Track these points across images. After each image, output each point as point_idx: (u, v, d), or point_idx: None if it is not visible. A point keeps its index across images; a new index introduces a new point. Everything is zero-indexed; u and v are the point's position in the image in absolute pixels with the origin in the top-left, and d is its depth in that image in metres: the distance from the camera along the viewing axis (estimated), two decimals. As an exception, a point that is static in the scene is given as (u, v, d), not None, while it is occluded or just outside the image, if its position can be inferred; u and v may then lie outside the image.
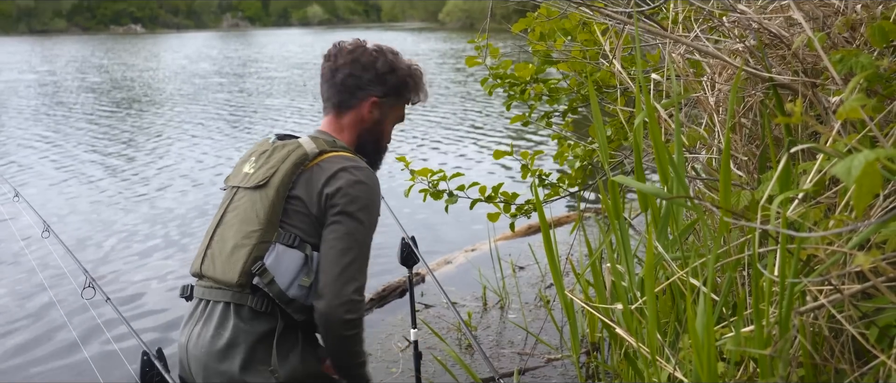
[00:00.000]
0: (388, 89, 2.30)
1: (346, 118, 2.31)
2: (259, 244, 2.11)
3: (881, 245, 1.50)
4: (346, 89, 2.27)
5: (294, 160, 2.16)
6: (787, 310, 1.39)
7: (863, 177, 1.01)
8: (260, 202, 2.15)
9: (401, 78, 2.31)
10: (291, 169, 2.15)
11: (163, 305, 5.56)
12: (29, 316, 5.40)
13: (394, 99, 2.33)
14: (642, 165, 1.86)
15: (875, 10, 1.92)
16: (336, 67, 2.28)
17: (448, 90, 20.60)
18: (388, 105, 2.33)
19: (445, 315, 5.03)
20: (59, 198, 8.91)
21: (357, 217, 2.12)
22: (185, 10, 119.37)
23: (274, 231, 2.12)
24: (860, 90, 1.67)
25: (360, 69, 2.26)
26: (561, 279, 2.30)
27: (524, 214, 3.89)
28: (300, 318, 2.14)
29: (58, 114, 16.75)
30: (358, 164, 2.19)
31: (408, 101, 2.39)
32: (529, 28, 3.67)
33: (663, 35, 2.36)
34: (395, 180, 7.37)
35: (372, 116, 2.31)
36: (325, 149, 2.20)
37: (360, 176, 2.15)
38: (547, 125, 3.96)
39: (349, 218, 2.11)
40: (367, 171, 2.19)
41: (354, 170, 2.15)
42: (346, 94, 2.28)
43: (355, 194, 2.12)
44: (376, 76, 2.27)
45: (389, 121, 2.38)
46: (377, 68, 2.27)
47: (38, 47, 51.54)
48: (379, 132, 2.36)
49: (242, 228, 2.15)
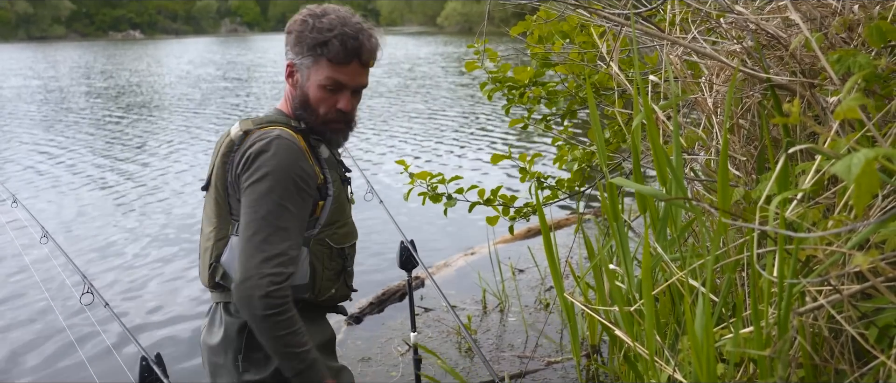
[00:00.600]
0: (293, 52, 2.14)
1: (287, 87, 2.23)
2: (217, 242, 2.14)
3: (880, 245, 1.50)
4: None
5: (224, 150, 2.12)
6: (785, 311, 1.38)
7: (862, 176, 1.01)
8: (210, 201, 2.17)
9: (296, 37, 2.12)
10: (222, 160, 2.11)
11: (162, 310, 5.56)
12: (27, 321, 5.40)
13: (304, 58, 2.12)
14: (640, 167, 1.86)
15: (872, 11, 1.92)
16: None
17: (451, 93, 20.62)
18: (305, 66, 2.13)
19: (445, 318, 5.02)
20: (58, 204, 8.90)
21: (257, 187, 2.00)
22: (183, 16, 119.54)
23: (227, 225, 2.12)
24: (858, 90, 1.67)
25: (286, 34, 2.18)
26: (561, 282, 2.30)
27: (523, 217, 3.88)
28: None
29: (58, 120, 16.75)
30: (265, 135, 2.06)
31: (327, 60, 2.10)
32: (528, 31, 3.67)
33: (660, 37, 2.36)
34: (394, 184, 7.39)
35: (292, 81, 2.18)
36: (249, 129, 2.11)
37: (260, 145, 2.03)
38: (546, 129, 3.96)
39: (250, 189, 2.01)
40: (270, 141, 2.03)
41: (258, 142, 2.04)
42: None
43: (256, 165, 2.01)
44: (288, 41, 2.15)
45: (312, 84, 2.14)
46: (288, 34, 2.16)
47: (39, 53, 51.57)
48: (303, 97, 2.15)
49: (205, 230, 2.20)
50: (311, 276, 2.15)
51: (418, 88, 21.84)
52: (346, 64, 2.11)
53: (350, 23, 2.12)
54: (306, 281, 2.14)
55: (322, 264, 2.18)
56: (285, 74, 2.19)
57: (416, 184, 3.74)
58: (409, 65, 31.27)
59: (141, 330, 5.17)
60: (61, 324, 5.11)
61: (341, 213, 2.22)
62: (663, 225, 1.85)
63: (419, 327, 4.81)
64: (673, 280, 1.78)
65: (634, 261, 2.38)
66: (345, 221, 2.25)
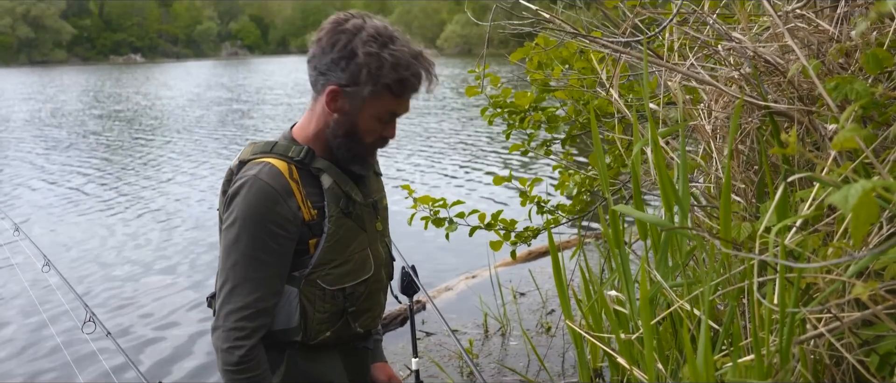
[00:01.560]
0: (349, 77, 1.90)
1: (317, 105, 2.00)
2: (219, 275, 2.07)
3: (880, 272, 1.51)
4: (312, 71, 1.97)
5: (225, 179, 2.01)
6: (787, 340, 1.39)
7: (859, 206, 1.01)
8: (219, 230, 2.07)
9: (359, 65, 1.87)
10: (222, 188, 2.01)
11: (164, 338, 5.55)
12: (29, 350, 5.39)
13: (363, 88, 1.90)
14: (641, 193, 1.87)
15: (869, 37, 1.94)
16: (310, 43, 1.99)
17: (451, 114, 20.67)
18: (359, 95, 1.91)
19: (447, 343, 5.01)
20: (60, 231, 8.90)
21: (228, 234, 1.90)
22: (184, 40, 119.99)
23: None
24: (855, 119, 1.68)
25: (319, 50, 1.93)
26: (569, 306, 2.30)
27: (524, 242, 3.89)
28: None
29: (72, 144, 16.80)
30: (245, 173, 1.92)
31: (392, 93, 1.92)
32: (527, 57, 3.69)
33: (659, 63, 2.38)
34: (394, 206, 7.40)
35: (335, 107, 1.95)
36: (245, 158, 1.98)
37: (237, 186, 1.91)
38: (546, 154, 3.97)
39: (223, 234, 1.93)
40: (246, 182, 1.90)
41: (238, 180, 1.92)
42: (312, 77, 1.98)
43: (231, 209, 1.91)
44: (332, 61, 1.90)
45: (365, 114, 1.95)
46: (335, 51, 1.89)
47: (45, 78, 51.72)
48: (349, 126, 1.97)
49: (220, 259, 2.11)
50: (301, 318, 2.01)
51: (419, 110, 21.89)
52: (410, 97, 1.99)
53: (420, 56, 1.95)
54: (294, 324, 2.01)
55: (314, 306, 2.02)
56: (326, 97, 1.93)
57: (418, 209, 3.76)
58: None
59: (143, 357, 5.16)
60: (63, 353, 5.10)
61: (340, 252, 2.03)
62: (664, 251, 1.85)
63: (421, 352, 4.80)
64: (674, 308, 1.78)
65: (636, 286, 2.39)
66: (346, 259, 2.05)
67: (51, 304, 5.87)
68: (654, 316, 1.76)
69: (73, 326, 5.21)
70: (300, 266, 1.98)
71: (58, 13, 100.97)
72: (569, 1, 3.44)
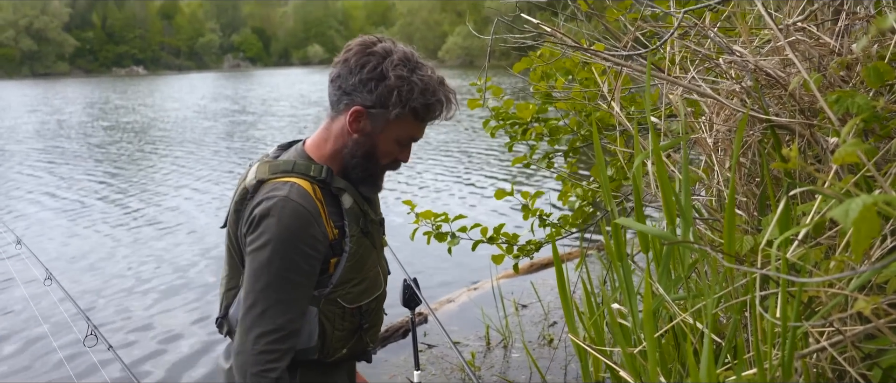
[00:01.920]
0: (376, 99, 1.92)
1: (335, 124, 2.02)
2: (227, 291, 2.09)
3: (882, 286, 1.51)
4: (335, 91, 1.98)
5: (237, 198, 2.00)
6: (789, 354, 1.39)
7: (860, 221, 1.01)
8: (225, 244, 2.09)
9: (389, 87, 1.91)
10: (235, 207, 2.00)
11: (167, 352, 5.54)
12: (31, 363, 5.38)
13: (390, 111, 1.93)
14: (642, 206, 1.87)
15: (870, 51, 1.94)
16: (335, 63, 2.00)
17: (453, 126, 20.67)
18: (382, 118, 1.95)
19: (448, 355, 5.00)
20: (63, 244, 8.91)
21: (259, 256, 1.88)
22: (186, 52, 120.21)
23: (238, 275, 2.03)
24: (857, 132, 1.68)
25: (347, 70, 1.94)
26: (573, 319, 2.29)
27: (526, 255, 3.89)
28: None
29: (64, 158, 16.80)
30: (273, 193, 1.91)
31: (416, 117, 1.97)
32: (530, 68, 3.70)
33: (661, 77, 2.38)
34: (396, 219, 7.39)
35: (357, 127, 1.97)
36: (264, 178, 1.97)
37: (266, 207, 1.89)
38: (548, 166, 3.97)
39: (252, 256, 1.90)
40: (276, 203, 1.89)
41: (265, 201, 1.90)
42: (334, 96, 1.99)
43: (260, 231, 1.89)
44: (360, 81, 1.92)
45: (386, 136, 1.99)
46: (364, 72, 1.92)
47: (50, 90, 51.74)
48: (369, 147, 2.00)
49: (222, 274, 2.13)
50: (320, 337, 2.02)
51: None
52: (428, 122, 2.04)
53: (444, 84, 2.00)
54: (313, 343, 2.02)
55: (333, 325, 2.04)
56: (349, 117, 1.96)
57: (420, 224, 3.76)
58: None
59: (146, 371, 5.16)
60: (65, 367, 5.09)
61: (359, 270, 2.05)
62: (666, 264, 1.85)
63: (422, 364, 4.79)
64: (676, 322, 1.78)
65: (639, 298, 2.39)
66: (363, 277, 2.08)
67: (53, 318, 5.87)
68: (657, 329, 1.76)
69: (75, 340, 5.21)
70: (320, 285, 1.99)
71: (61, 26, 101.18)
72: (570, 14, 3.44)
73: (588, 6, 2.97)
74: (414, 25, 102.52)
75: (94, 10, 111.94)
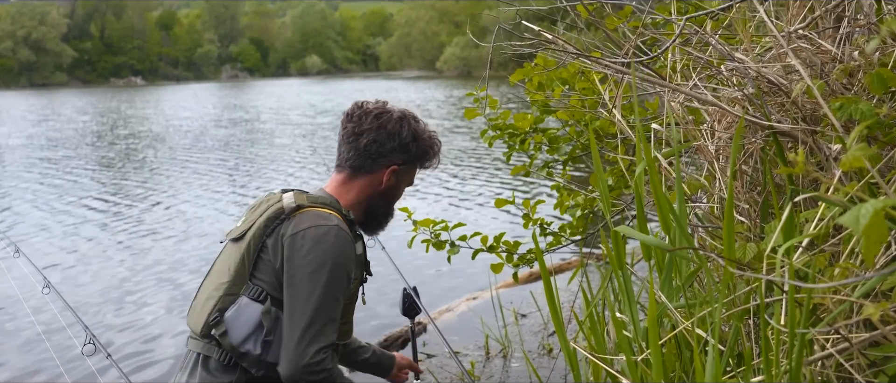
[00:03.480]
0: (410, 157, 2.30)
1: (360, 180, 2.29)
2: (225, 296, 2.14)
3: (888, 293, 1.50)
4: (368, 155, 2.25)
5: (270, 214, 2.16)
6: (797, 361, 1.38)
7: (870, 226, 1.01)
8: (234, 254, 2.18)
9: (423, 147, 2.31)
10: (266, 222, 2.15)
11: (164, 360, 5.52)
12: (28, 372, 5.37)
13: (411, 165, 2.34)
14: (644, 214, 1.86)
15: (872, 57, 1.94)
16: (361, 131, 2.24)
17: (451, 136, 20.68)
18: (405, 171, 2.33)
19: (448, 365, 4.99)
20: (61, 252, 8.88)
21: (316, 277, 2.07)
22: (184, 62, 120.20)
23: (242, 283, 2.14)
24: (861, 139, 1.67)
25: (385, 136, 2.24)
26: (563, 328, 2.28)
27: (527, 264, 3.87)
28: (258, 374, 2.14)
29: (62, 167, 16.78)
30: (324, 222, 2.13)
31: (421, 167, 2.39)
32: (527, 78, 3.69)
33: (661, 84, 2.38)
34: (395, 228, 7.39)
35: (389, 182, 2.29)
36: (303, 204, 2.17)
37: (321, 232, 2.10)
38: (548, 175, 3.96)
39: (307, 277, 2.08)
40: (330, 229, 2.12)
41: (317, 226, 2.11)
42: (367, 159, 2.26)
43: (317, 253, 2.08)
44: (401, 145, 2.26)
45: (404, 184, 2.37)
46: (402, 137, 2.26)
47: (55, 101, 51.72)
48: (393, 196, 2.36)
49: (216, 280, 2.20)
50: None
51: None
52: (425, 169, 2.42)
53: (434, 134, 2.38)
54: None
55: None
56: (384, 175, 2.28)
57: (419, 232, 3.74)
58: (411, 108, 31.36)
59: (143, 378, 5.14)
60: (62, 374, 5.07)
61: (347, 312, 2.30)
62: (668, 272, 1.84)
63: (422, 374, 4.77)
64: (679, 329, 1.77)
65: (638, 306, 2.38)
66: (346, 320, 2.32)
67: (51, 326, 5.85)
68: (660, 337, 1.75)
69: (73, 348, 5.18)
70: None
71: (59, 36, 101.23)
72: (570, 22, 3.44)
73: (588, 13, 2.97)
74: (412, 36, 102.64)
75: (92, 21, 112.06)
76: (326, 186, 2.33)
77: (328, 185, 2.33)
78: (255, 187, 13.22)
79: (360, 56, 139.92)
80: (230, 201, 11.75)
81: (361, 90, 52.90)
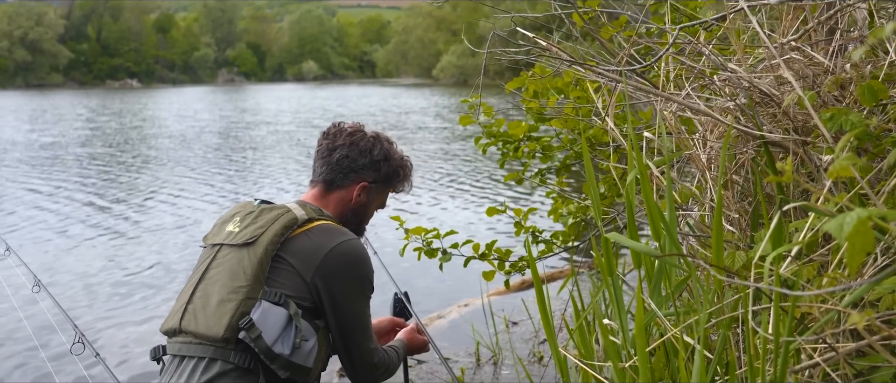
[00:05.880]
0: (380, 176, 2.42)
1: (333, 195, 2.40)
2: (245, 300, 2.14)
3: (875, 303, 1.50)
4: (340, 169, 2.37)
5: (284, 222, 2.22)
6: (782, 369, 1.38)
7: (855, 235, 1.01)
8: (247, 259, 2.18)
9: (393, 167, 2.43)
10: (280, 230, 2.21)
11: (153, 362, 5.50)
12: (17, 371, 5.34)
13: (382, 185, 2.45)
14: (635, 222, 1.87)
15: (864, 70, 1.95)
16: (334, 147, 2.37)
17: (446, 143, 20.68)
18: (376, 190, 2.45)
19: (438, 371, 4.98)
20: (52, 252, 8.85)
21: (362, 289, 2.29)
22: (180, 65, 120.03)
23: (260, 288, 2.16)
24: (850, 149, 1.68)
25: (357, 152, 2.37)
26: (554, 335, 2.28)
27: (518, 271, 3.87)
28: (284, 375, 2.15)
29: (56, 167, 16.73)
30: (350, 237, 2.29)
31: (394, 190, 2.52)
32: (523, 87, 3.70)
33: (654, 93, 2.39)
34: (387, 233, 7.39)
35: (359, 199, 2.41)
36: (314, 217, 2.28)
37: (358, 252, 2.28)
38: (541, 183, 3.97)
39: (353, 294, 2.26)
40: (357, 243, 2.30)
41: (349, 244, 2.27)
42: (339, 174, 2.38)
43: (358, 272, 2.27)
44: (371, 162, 2.38)
45: (374, 205, 2.49)
46: (373, 154, 2.38)
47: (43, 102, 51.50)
48: (363, 214, 2.47)
49: (229, 284, 2.17)
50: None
51: (413, 139, 21.92)
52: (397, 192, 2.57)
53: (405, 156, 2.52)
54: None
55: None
56: (354, 190, 2.40)
57: (411, 240, 3.74)
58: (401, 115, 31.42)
59: (132, 378, 5.12)
60: (51, 374, 5.05)
61: None
62: (657, 280, 1.85)
63: (412, 380, 4.77)
64: (667, 336, 1.78)
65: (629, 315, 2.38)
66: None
67: (41, 325, 5.82)
68: (648, 344, 1.75)
69: (62, 347, 5.16)
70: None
71: (55, 37, 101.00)
72: (566, 32, 3.46)
73: (584, 23, 2.98)
74: (408, 43, 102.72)
75: (89, 23, 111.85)
76: (304, 198, 2.44)
77: (306, 198, 2.44)
78: (245, 191, 13.20)
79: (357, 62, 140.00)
80: (222, 205, 11.72)
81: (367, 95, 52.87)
